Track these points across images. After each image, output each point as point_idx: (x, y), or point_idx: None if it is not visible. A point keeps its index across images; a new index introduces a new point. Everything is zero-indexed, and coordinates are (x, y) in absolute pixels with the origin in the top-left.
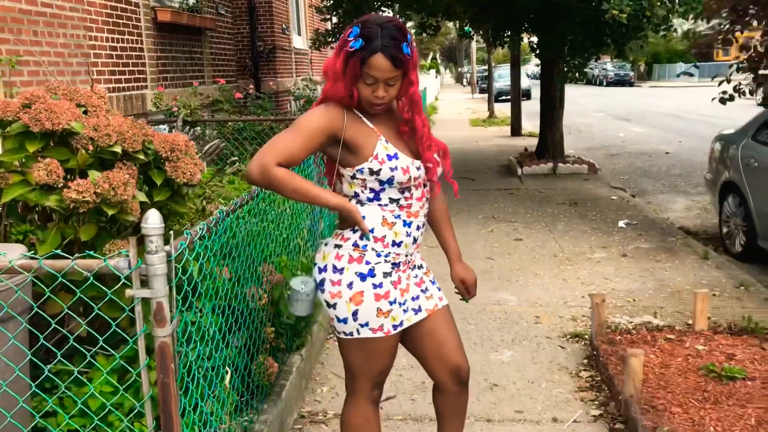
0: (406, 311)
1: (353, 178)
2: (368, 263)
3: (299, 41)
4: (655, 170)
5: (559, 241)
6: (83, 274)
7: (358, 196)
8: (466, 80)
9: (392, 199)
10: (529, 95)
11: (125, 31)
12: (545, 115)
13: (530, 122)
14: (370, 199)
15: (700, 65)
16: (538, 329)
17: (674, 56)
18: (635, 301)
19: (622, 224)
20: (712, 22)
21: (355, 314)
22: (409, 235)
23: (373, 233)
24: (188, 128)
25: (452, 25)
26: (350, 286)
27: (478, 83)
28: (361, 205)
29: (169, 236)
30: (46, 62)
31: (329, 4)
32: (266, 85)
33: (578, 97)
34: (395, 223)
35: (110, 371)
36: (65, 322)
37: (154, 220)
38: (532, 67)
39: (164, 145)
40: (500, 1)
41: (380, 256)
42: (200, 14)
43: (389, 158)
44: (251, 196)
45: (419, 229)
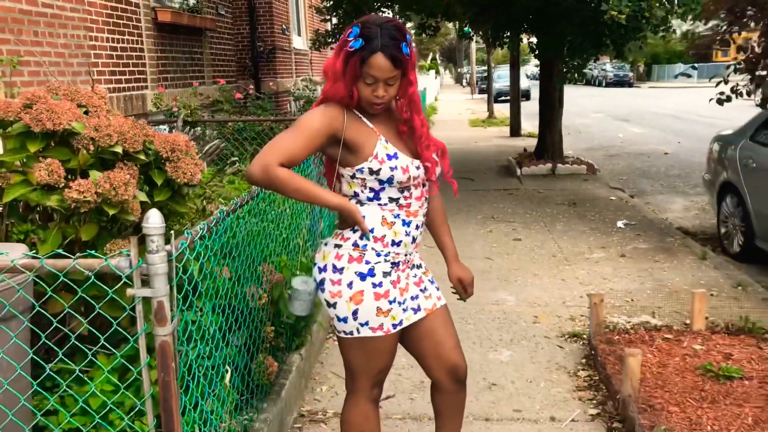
0: (405, 310)
1: (353, 177)
2: (368, 263)
3: (299, 42)
4: (653, 171)
5: (557, 241)
6: (84, 273)
7: (357, 195)
8: (465, 81)
9: (392, 198)
10: (528, 96)
11: (125, 31)
12: (544, 115)
13: (529, 123)
14: (369, 198)
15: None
16: (536, 329)
17: (673, 57)
18: (633, 301)
19: (620, 224)
20: (710, 23)
21: (355, 313)
22: (408, 234)
23: (372, 233)
24: (188, 128)
25: (452, 25)
26: (350, 285)
27: (477, 84)
28: (360, 204)
29: (169, 236)
30: (46, 62)
31: (329, 4)
32: (266, 85)
33: (577, 97)
34: (394, 222)
35: (111, 370)
36: (66, 321)
37: (155, 219)
38: (531, 67)
39: (165, 145)
40: (500, 1)
41: (380, 255)
42: (200, 15)
43: (389, 158)
44: (251, 196)
45: (418, 228)
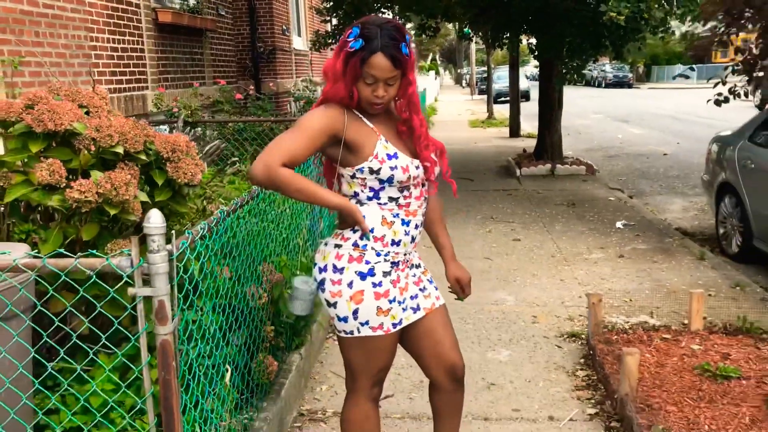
0: (405, 310)
1: (353, 177)
2: (368, 262)
3: (299, 42)
4: (652, 171)
5: (556, 241)
6: (86, 272)
7: (357, 195)
8: (465, 81)
9: (391, 198)
10: (528, 97)
11: (126, 32)
12: (544, 116)
13: (529, 123)
14: (369, 198)
15: (699, 67)
16: (535, 329)
17: (673, 58)
18: (632, 301)
19: (619, 225)
20: (708, 24)
21: (355, 313)
22: (407, 234)
23: (372, 233)
24: (189, 129)
25: (452, 26)
26: (350, 285)
27: (477, 84)
28: (360, 204)
29: (170, 236)
30: (47, 63)
31: (329, 5)
32: (266, 86)
33: (577, 98)
34: (394, 222)
35: (112, 369)
36: (67, 320)
37: (156, 219)
38: (531, 68)
39: (166, 145)
40: (499, 2)
41: (380, 255)
42: (201, 15)
43: (389, 157)
44: (251, 196)
45: (417, 228)
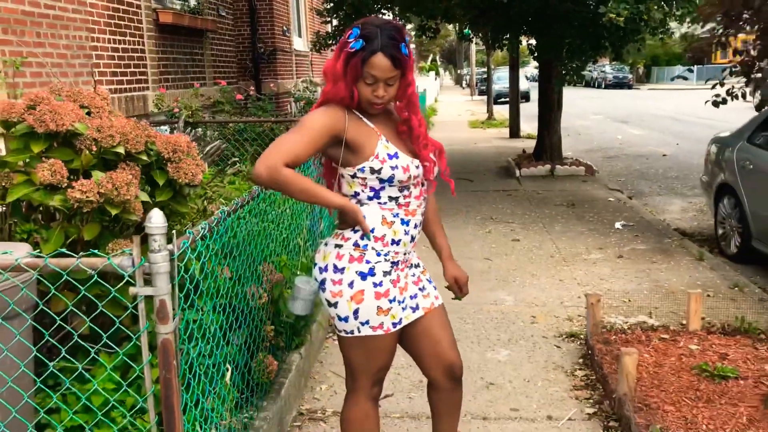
0: (404, 309)
1: (353, 177)
2: (368, 262)
3: (300, 43)
4: (652, 172)
5: (556, 242)
6: (87, 272)
7: (358, 195)
8: (465, 82)
9: (391, 197)
10: (527, 97)
11: (127, 32)
12: (543, 117)
13: (529, 124)
14: (370, 197)
15: (699, 68)
16: (534, 329)
17: (673, 59)
18: (630, 301)
19: (618, 226)
20: (707, 25)
21: (356, 313)
22: (407, 233)
23: (373, 233)
24: (189, 129)
25: (452, 27)
26: (351, 285)
27: (477, 85)
28: (360, 204)
29: (171, 235)
30: (49, 64)
31: (330, 6)
32: (267, 86)
33: (577, 99)
34: (394, 222)
35: (113, 368)
36: (69, 319)
37: (157, 219)
38: (530, 69)
39: (167, 146)
40: (499, 4)
41: (380, 255)
42: (201, 16)
43: (390, 157)
44: (252, 196)
45: (416, 227)
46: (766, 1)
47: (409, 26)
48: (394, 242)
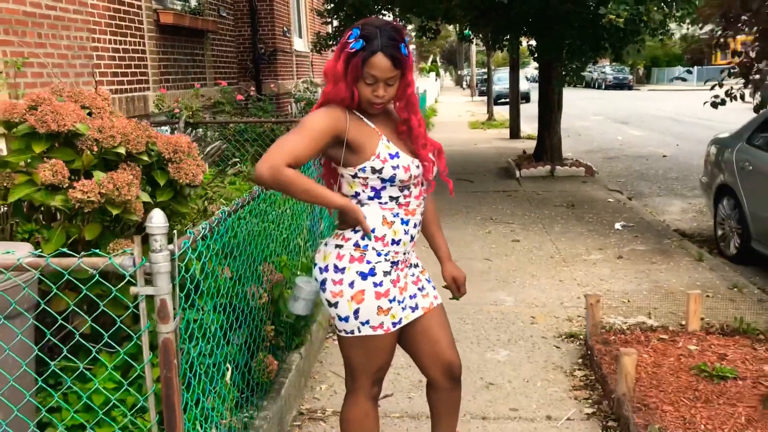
0: (404, 309)
1: (354, 177)
2: (369, 262)
3: (300, 44)
4: (652, 173)
5: (555, 242)
6: (88, 271)
7: (358, 195)
8: (465, 83)
9: (392, 197)
10: (528, 98)
11: (128, 33)
12: (543, 118)
13: (529, 125)
14: (370, 197)
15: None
16: (533, 329)
17: (673, 60)
18: (630, 302)
19: (618, 226)
20: (707, 27)
21: (356, 312)
22: (407, 233)
23: (374, 233)
24: (190, 130)
25: (452, 28)
26: (351, 285)
27: (477, 86)
28: (361, 204)
29: (172, 235)
30: (50, 64)
31: (330, 7)
32: (267, 87)
33: (577, 100)
34: (394, 221)
35: (114, 367)
36: (70, 319)
37: (158, 219)
38: (531, 70)
39: (167, 146)
40: (499, 5)
41: (380, 255)
42: (202, 17)
43: (391, 157)
44: (252, 196)
45: (416, 227)
46: (764, 3)
47: (409, 27)
48: (394, 242)
